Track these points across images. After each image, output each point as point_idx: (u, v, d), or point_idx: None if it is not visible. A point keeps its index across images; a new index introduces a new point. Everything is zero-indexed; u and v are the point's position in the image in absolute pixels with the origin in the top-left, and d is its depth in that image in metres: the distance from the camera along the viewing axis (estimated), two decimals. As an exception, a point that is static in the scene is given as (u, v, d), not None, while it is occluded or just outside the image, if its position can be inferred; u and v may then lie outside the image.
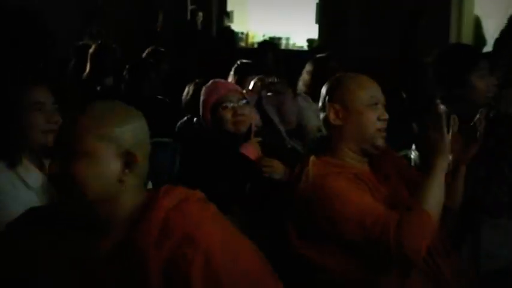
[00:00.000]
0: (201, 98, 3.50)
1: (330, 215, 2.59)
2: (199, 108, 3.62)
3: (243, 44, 12.18)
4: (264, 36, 12.73)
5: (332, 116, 2.78)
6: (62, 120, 2.79)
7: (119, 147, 1.86)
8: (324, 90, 2.87)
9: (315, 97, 4.59)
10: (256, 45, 10.82)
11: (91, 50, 6.71)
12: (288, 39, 12.07)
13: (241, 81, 5.00)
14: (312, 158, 2.80)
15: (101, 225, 1.90)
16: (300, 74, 6.52)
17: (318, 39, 10.98)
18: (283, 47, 11.93)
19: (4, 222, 2.37)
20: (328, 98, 2.82)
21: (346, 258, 2.62)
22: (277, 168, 3.39)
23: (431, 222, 2.52)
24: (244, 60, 5.45)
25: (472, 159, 2.96)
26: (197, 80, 5.01)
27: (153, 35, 10.05)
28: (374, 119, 2.74)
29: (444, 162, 2.65)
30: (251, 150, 3.37)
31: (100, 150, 1.84)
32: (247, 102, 3.47)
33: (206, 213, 1.96)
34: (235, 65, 5.35)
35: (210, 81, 3.70)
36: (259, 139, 3.52)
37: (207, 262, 1.80)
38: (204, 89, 3.54)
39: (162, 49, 6.11)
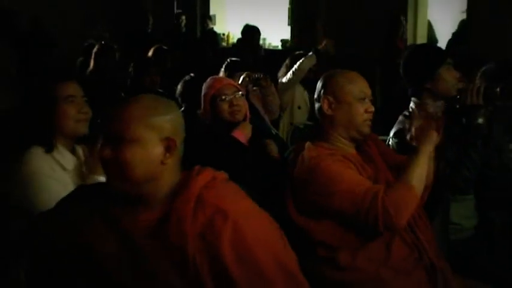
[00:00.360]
0: (202, 92, 3.55)
1: (324, 191, 2.66)
2: (190, 101, 3.67)
3: (224, 44, 12.20)
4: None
5: (325, 107, 2.83)
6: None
7: (161, 134, 1.92)
8: (319, 83, 2.91)
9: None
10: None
11: (95, 49, 6.78)
12: (264, 39, 12.08)
13: (231, 76, 5.00)
14: (307, 143, 2.85)
15: (145, 201, 1.95)
16: (275, 69, 6.64)
17: (291, 39, 11.06)
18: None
19: (48, 200, 2.47)
20: (323, 90, 2.86)
21: (339, 229, 2.69)
22: (274, 148, 3.50)
23: (416, 196, 2.62)
24: (233, 58, 5.48)
25: (442, 144, 2.99)
26: (186, 78, 5.07)
27: (145, 36, 10.04)
28: (362, 111, 2.79)
29: (430, 147, 2.72)
30: (241, 134, 3.43)
31: (146, 137, 1.90)
32: (242, 95, 3.55)
33: (231, 190, 2.05)
34: (226, 63, 5.35)
35: (209, 78, 3.76)
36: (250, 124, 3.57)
37: (234, 230, 1.89)
38: (204, 84, 3.59)
39: (165, 47, 6.14)
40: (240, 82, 4.40)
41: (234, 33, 12.33)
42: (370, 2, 9.59)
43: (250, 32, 8.65)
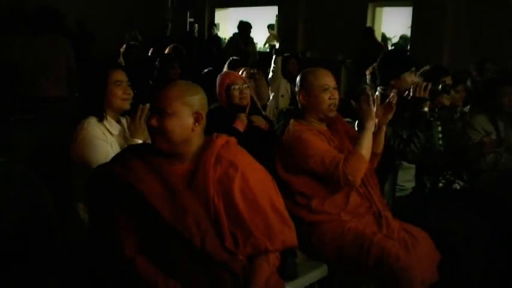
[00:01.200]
0: (218, 81, 3.60)
1: (303, 155, 2.79)
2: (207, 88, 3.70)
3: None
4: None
5: (300, 98, 2.96)
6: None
7: (192, 109, 2.06)
8: (297, 80, 3.01)
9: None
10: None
11: (122, 49, 6.83)
12: (256, 44, 12.07)
13: (233, 70, 5.12)
14: (292, 120, 2.98)
15: (179, 157, 2.10)
16: (265, 66, 6.72)
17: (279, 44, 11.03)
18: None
19: (99, 157, 2.61)
20: (299, 86, 2.98)
21: (313, 182, 2.83)
22: (262, 121, 3.60)
23: (365, 161, 2.75)
24: (234, 57, 5.58)
25: (394, 124, 3.13)
26: (204, 71, 5.12)
27: (165, 39, 10.07)
28: (326, 99, 2.88)
29: (371, 124, 2.81)
30: (240, 124, 3.47)
31: (182, 111, 2.04)
32: (247, 86, 3.61)
33: (239, 149, 2.23)
34: (229, 60, 5.43)
35: (224, 71, 3.83)
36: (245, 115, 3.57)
37: (242, 177, 2.09)
38: (220, 76, 3.65)
39: (179, 46, 6.19)
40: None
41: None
42: (337, 16, 9.66)
43: (244, 26, 8.74)
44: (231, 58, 5.50)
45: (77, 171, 2.77)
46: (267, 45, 11.89)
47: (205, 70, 4.97)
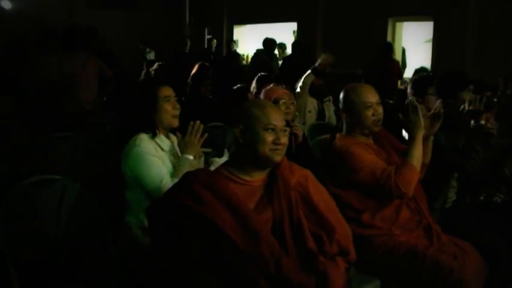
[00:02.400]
0: (263, 95, 3.61)
1: (353, 168, 2.82)
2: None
3: (244, 62, 12.27)
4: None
5: (344, 116, 3.03)
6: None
7: None
8: (340, 98, 3.05)
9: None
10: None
11: (152, 68, 6.95)
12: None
13: (261, 86, 5.17)
14: (338, 135, 3.02)
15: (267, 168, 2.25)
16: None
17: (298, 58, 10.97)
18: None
19: (153, 173, 2.66)
20: (342, 104, 3.04)
21: (363, 196, 2.85)
22: (300, 131, 3.62)
23: (417, 172, 2.78)
24: (263, 73, 5.64)
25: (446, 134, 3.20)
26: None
27: (184, 55, 10.17)
28: (370, 116, 2.91)
29: (420, 134, 2.83)
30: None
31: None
32: (293, 103, 3.65)
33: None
34: (257, 76, 5.49)
35: (269, 86, 3.85)
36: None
37: (312, 183, 2.29)
38: (264, 91, 3.67)
39: (207, 64, 6.30)
40: None
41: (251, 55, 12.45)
42: (357, 31, 9.71)
43: (269, 42, 8.83)
44: (259, 74, 5.55)
45: (129, 187, 2.79)
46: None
47: (237, 86, 5.04)
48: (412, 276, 2.69)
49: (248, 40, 13.27)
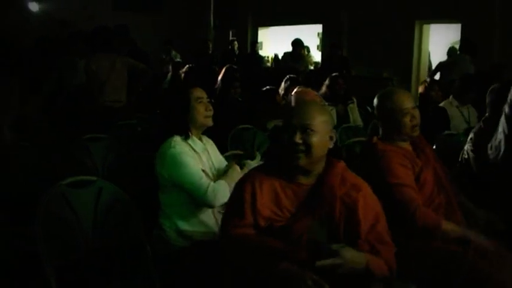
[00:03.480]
0: (293, 99, 3.63)
1: (387, 180, 2.78)
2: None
3: (268, 64, 12.28)
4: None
5: (381, 124, 3.00)
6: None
7: (328, 128, 2.21)
8: (374, 105, 3.02)
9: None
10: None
11: (182, 70, 6.97)
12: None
13: (289, 88, 5.18)
14: (375, 139, 2.98)
15: (308, 173, 2.22)
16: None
17: (321, 62, 10.96)
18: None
19: (190, 173, 2.67)
20: (376, 112, 3.00)
21: None
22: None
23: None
24: (292, 75, 5.64)
25: None
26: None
27: (207, 57, 10.21)
28: (408, 122, 2.86)
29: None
30: None
31: (323, 129, 2.17)
32: (324, 105, 3.64)
33: (354, 173, 2.34)
34: (286, 77, 5.54)
35: (301, 89, 3.83)
36: None
37: (364, 200, 2.21)
38: (295, 93, 3.68)
39: (235, 66, 6.31)
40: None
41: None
42: (383, 34, 9.65)
43: (295, 43, 8.84)
44: (288, 76, 5.56)
45: (164, 189, 2.81)
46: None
47: (266, 88, 5.05)
48: (449, 281, 2.65)
49: (272, 42, 13.25)
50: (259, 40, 12.79)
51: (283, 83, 5.43)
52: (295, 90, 3.82)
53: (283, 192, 2.21)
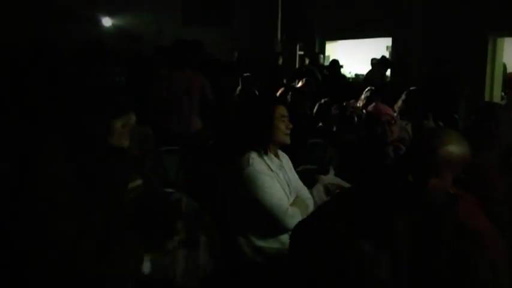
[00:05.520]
0: (374, 111, 3.55)
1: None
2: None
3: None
4: (350, 73, 12.68)
5: None
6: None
7: None
8: None
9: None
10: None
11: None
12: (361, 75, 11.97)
13: (369, 101, 5.11)
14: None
15: None
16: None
17: (391, 75, 10.68)
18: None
19: (267, 193, 2.64)
20: None
21: None
22: None
23: None
24: (372, 87, 5.57)
25: None
26: (321, 101, 5.20)
27: (276, 71, 10.20)
28: None
29: None
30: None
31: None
32: (395, 122, 3.55)
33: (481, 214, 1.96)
34: (367, 89, 5.52)
35: (382, 106, 3.73)
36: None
37: (480, 253, 1.82)
38: (374, 108, 3.60)
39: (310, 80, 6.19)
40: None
41: (344, 71, 12.37)
42: (455, 47, 9.41)
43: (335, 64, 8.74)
44: (368, 88, 5.53)
45: (241, 205, 2.77)
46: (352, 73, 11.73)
47: (322, 101, 5.01)
48: None
49: (340, 56, 13.17)
50: (326, 54, 12.71)
51: (363, 94, 5.37)
52: (369, 106, 3.75)
53: None
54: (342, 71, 10.26)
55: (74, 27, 11.04)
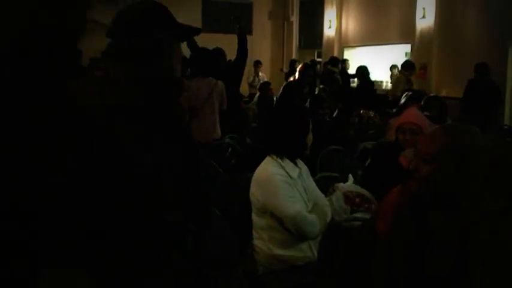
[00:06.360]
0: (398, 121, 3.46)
1: None
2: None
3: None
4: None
5: None
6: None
7: None
8: None
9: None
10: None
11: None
12: (387, 82, 11.86)
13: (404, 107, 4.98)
14: None
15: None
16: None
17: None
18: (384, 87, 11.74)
19: (283, 199, 2.62)
20: None
21: None
22: None
23: None
24: (409, 92, 5.46)
25: None
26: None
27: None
28: None
29: None
30: (404, 160, 3.18)
31: None
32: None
33: None
34: (405, 95, 5.37)
35: (411, 111, 3.61)
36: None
37: None
38: (405, 114, 3.48)
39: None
40: None
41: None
42: (472, 52, 9.32)
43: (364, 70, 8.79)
44: (406, 92, 5.48)
45: (258, 212, 2.77)
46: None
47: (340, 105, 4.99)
48: None
49: (359, 61, 13.09)
50: (345, 57, 12.65)
51: (402, 99, 5.33)
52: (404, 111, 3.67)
53: None
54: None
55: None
